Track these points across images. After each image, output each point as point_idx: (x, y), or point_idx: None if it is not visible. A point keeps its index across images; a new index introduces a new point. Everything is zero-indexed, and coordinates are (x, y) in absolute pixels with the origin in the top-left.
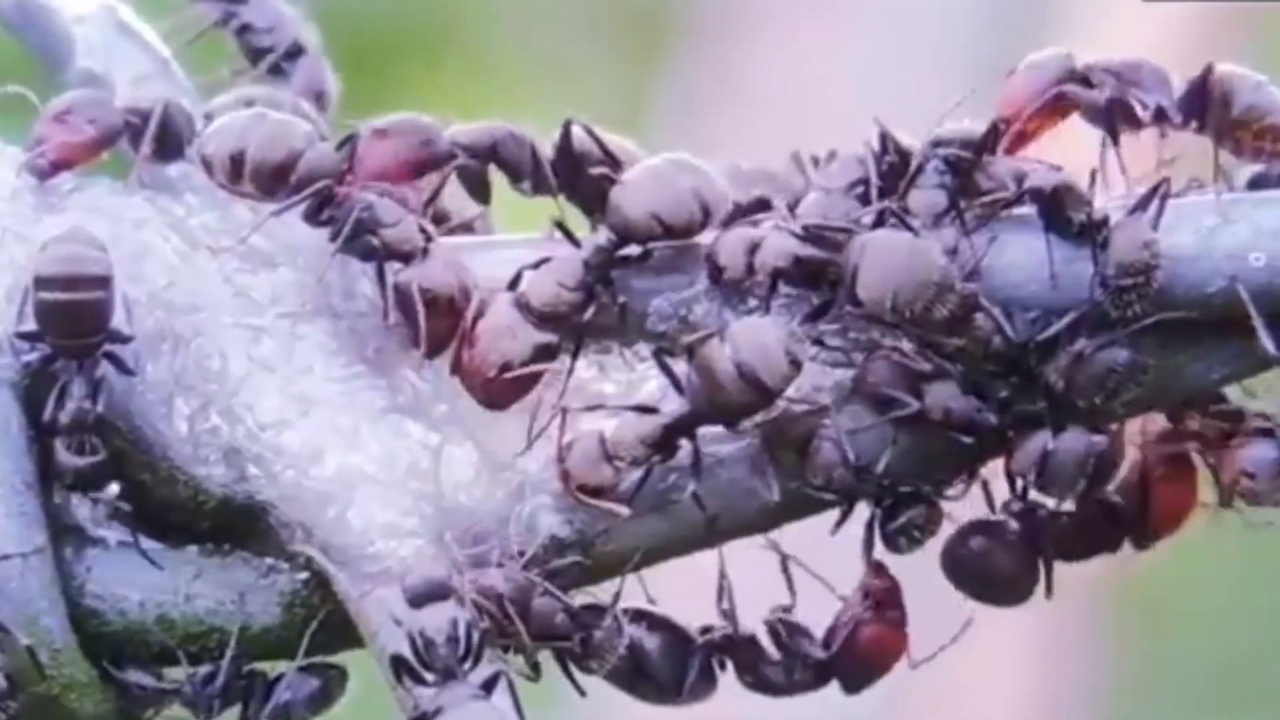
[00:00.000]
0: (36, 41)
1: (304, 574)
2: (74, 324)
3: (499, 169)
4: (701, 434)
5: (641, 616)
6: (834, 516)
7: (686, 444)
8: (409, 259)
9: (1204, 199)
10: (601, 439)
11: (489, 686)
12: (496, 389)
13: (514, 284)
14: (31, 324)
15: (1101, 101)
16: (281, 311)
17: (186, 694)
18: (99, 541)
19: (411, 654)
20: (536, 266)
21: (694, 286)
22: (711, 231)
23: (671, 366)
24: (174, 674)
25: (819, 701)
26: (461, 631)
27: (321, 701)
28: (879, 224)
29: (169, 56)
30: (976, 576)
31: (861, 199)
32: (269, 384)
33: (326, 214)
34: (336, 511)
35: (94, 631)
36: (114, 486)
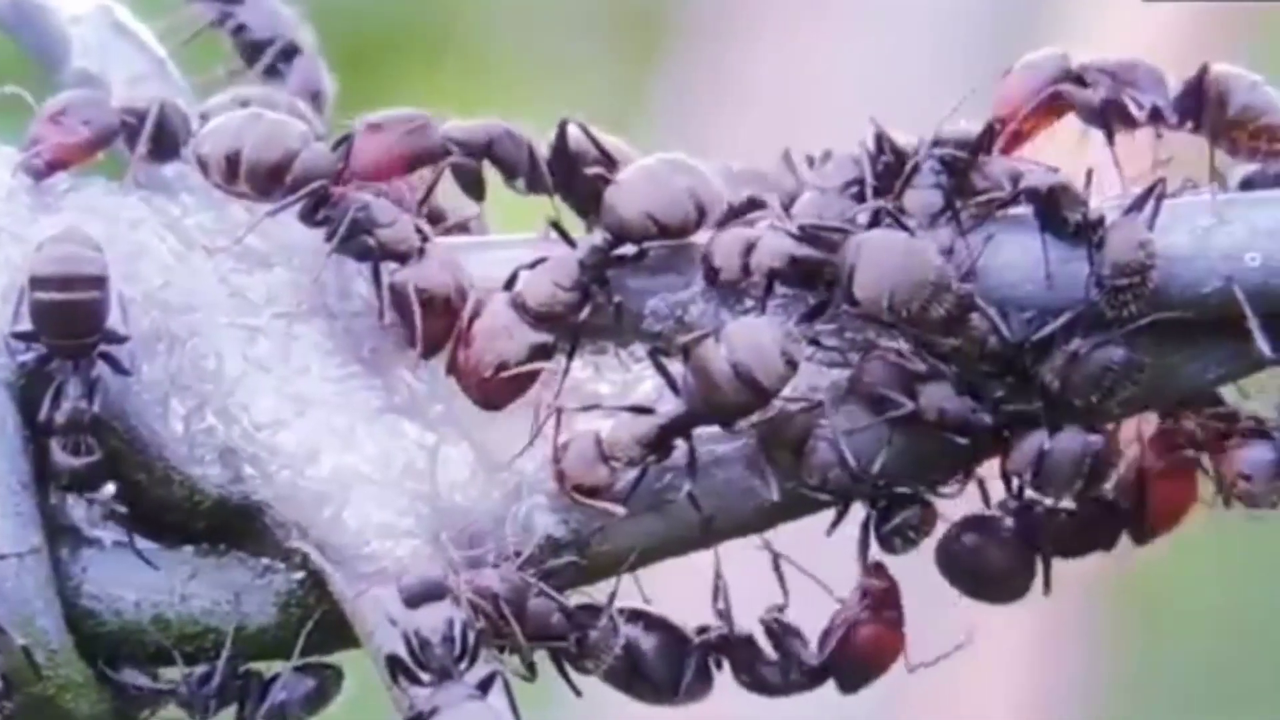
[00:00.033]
0: (32, 41)
1: (300, 574)
2: (69, 324)
3: (494, 166)
4: (697, 434)
5: (637, 616)
6: (830, 517)
7: (682, 444)
8: (405, 259)
9: (1200, 199)
10: (597, 439)
11: (485, 686)
12: (492, 389)
13: (510, 284)
14: (27, 324)
15: (1097, 101)
16: (277, 311)
17: (182, 694)
18: (94, 542)
19: (407, 654)
20: (532, 266)
21: (690, 287)
22: (707, 231)
23: (667, 367)
24: (170, 674)
25: (815, 701)
26: (457, 631)
27: (317, 701)
28: (875, 224)
29: (165, 56)
30: (971, 573)
31: (857, 199)
32: (264, 384)
33: (322, 214)
34: (332, 511)
35: (90, 632)
36: (110, 486)
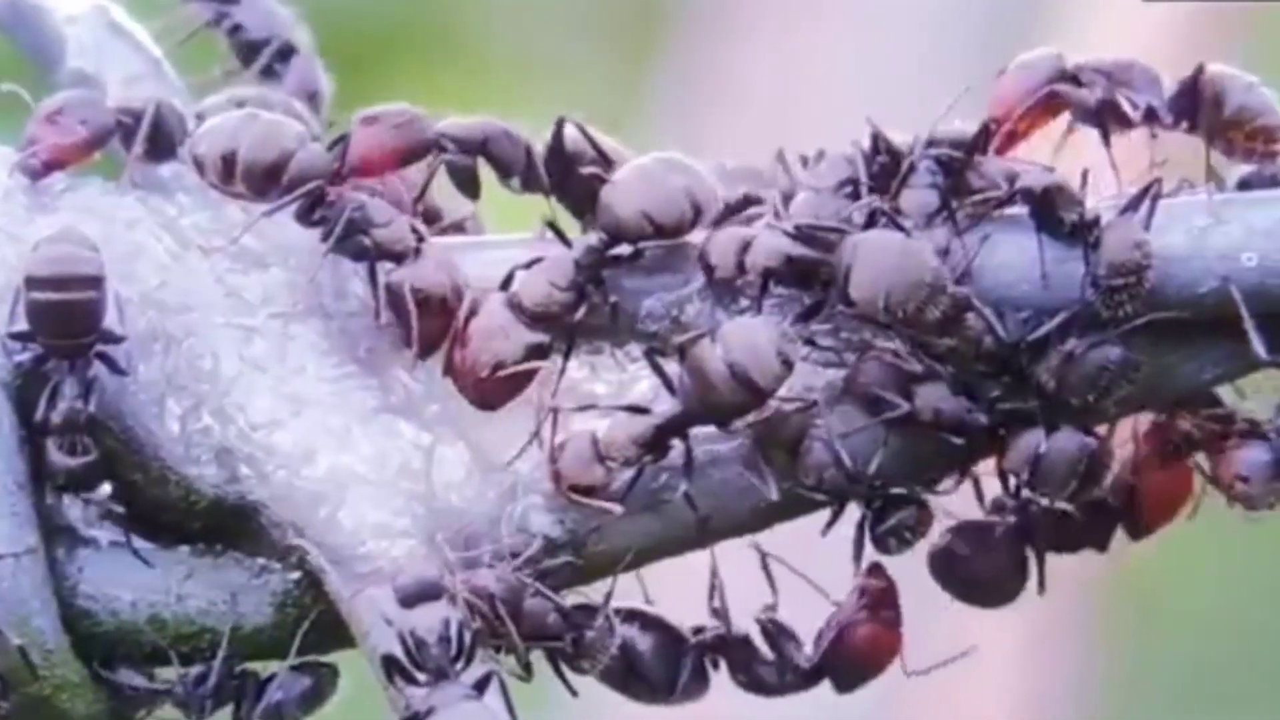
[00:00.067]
0: (28, 41)
1: (296, 574)
2: (66, 324)
3: (488, 164)
4: (694, 434)
5: (634, 616)
6: (826, 517)
7: (678, 444)
8: (401, 259)
9: (1196, 199)
10: (594, 439)
11: (481, 687)
12: (488, 389)
13: (506, 284)
14: (23, 324)
15: (1092, 101)
16: (273, 312)
17: (178, 694)
18: (91, 542)
19: (403, 654)
20: (528, 266)
21: (685, 286)
22: (703, 231)
23: (663, 367)
24: (166, 674)
25: (811, 701)
26: (453, 631)
27: (313, 701)
28: (871, 224)
29: (161, 56)
30: (962, 579)
31: (852, 199)
32: (261, 384)
33: (318, 214)
34: (328, 512)
35: (86, 632)
36: (106, 487)
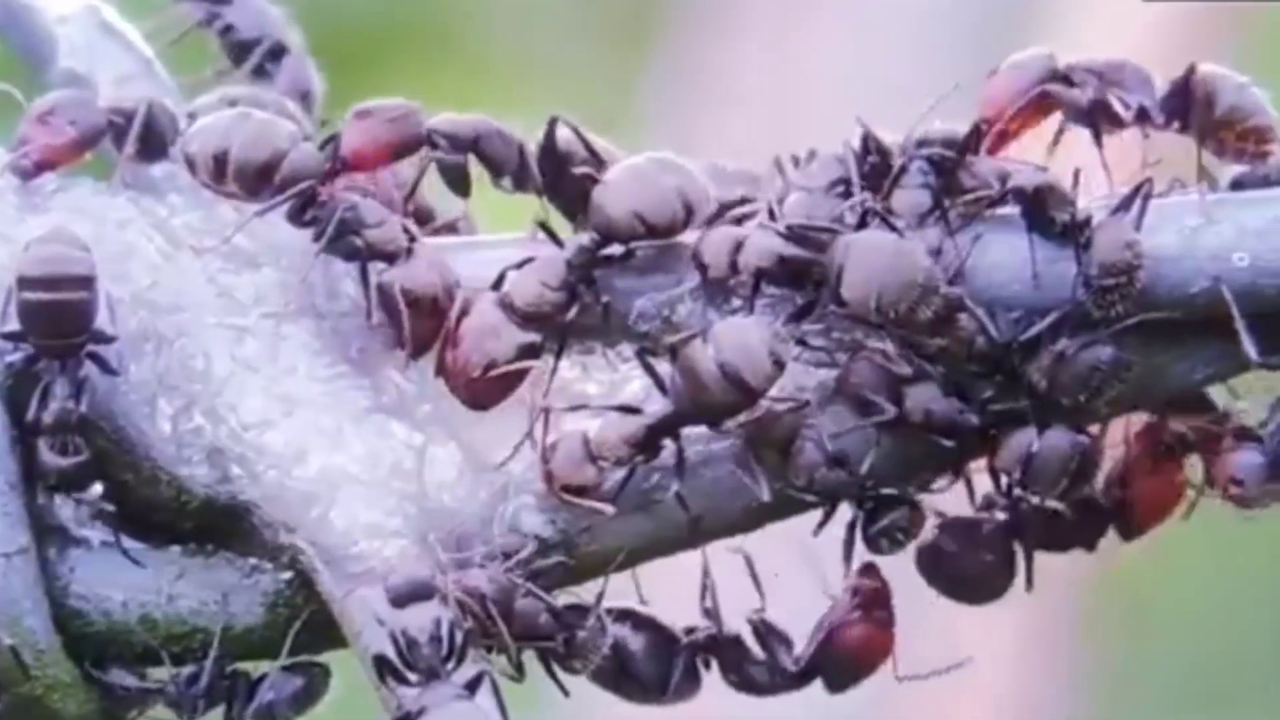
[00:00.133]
0: (19, 41)
1: (287, 574)
2: (57, 324)
3: (480, 162)
4: (685, 434)
5: (626, 616)
6: (817, 517)
7: (670, 444)
8: (393, 259)
9: (1187, 199)
10: (585, 439)
11: (472, 687)
12: (480, 389)
13: (498, 284)
14: (14, 324)
15: (1084, 101)
16: (265, 312)
17: (170, 694)
18: (82, 542)
19: (395, 654)
20: (520, 266)
21: (677, 286)
22: (695, 231)
23: (655, 367)
24: (157, 674)
25: (803, 701)
26: (445, 631)
27: (305, 701)
28: (863, 224)
29: (152, 56)
30: (948, 575)
31: (843, 199)
32: (252, 384)
33: (310, 214)
34: (320, 512)
35: (77, 632)
36: (97, 487)
